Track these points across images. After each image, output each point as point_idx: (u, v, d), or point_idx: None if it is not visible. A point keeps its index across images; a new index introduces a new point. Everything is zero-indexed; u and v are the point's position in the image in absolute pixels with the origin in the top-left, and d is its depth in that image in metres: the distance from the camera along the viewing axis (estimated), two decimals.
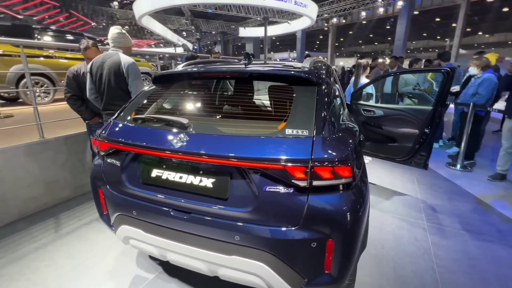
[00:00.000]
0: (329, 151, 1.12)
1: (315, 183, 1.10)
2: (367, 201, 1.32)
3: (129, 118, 1.50)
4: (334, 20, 20.31)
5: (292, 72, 1.41)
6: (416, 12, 18.99)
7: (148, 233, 1.40)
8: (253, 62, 1.81)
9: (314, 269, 1.20)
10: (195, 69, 1.58)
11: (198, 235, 1.26)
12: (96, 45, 2.59)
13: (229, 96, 1.63)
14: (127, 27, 18.75)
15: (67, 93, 2.57)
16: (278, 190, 1.13)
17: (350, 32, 30.30)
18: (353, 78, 3.91)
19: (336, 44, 37.97)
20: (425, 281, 1.85)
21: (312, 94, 1.35)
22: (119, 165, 1.43)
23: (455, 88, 4.46)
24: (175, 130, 1.29)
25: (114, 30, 2.42)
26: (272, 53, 34.10)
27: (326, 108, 1.32)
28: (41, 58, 5.04)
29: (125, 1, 15.42)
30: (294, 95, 1.36)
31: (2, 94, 5.30)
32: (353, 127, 1.70)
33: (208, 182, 1.23)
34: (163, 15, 19.38)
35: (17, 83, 4.67)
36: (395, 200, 2.99)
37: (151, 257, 2.03)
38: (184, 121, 1.28)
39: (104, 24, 17.73)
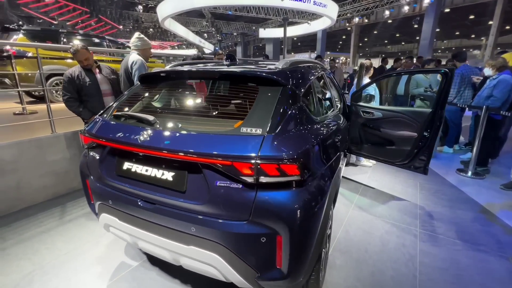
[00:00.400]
0: (277, 150, 1.15)
1: (262, 179, 1.14)
2: (322, 201, 1.33)
3: (110, 115, 1.62)
4: (356, 19, 19.76)
5: (258, 73, 1.46)
6: (447, 10, 17.95)
7: (122, 222, 1.51)
8: (237, 62, 1.88)
9: (266, 264, 1.24)
10: (170, 70, 1.68)
11: (162, 225, 1.35)
12: (85, 47, 2.68)
13: (197, 95, 1.71)
14: (151, 29, 19.67)
15: (64, 96, 2.69)
16: (228, 185, 1.18)
17: (375, 32, 29.27)
18: (355, 80, 3.84)
19: (360, 44, 36.89)
20: (402, 287, 1.80)
21: (275, 94, 1.39)
22: (98, 157, 1.56)
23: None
24: (143, 126, 1.39)
25: (134, 35, 2.95)
26: (293, 53, 33.88)
27: (288, 108, 1.35)
28: (68, 60, 5.47)
29: (150, 5, 16.13)
30: (258, 94, 1.40)
31: (32, 92, 5.82)
32: (326, 128, 1.70)
33: (168, 175, 1.31)
34: (185, 17, 20.03)
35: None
36: (391, 205, 2.90)
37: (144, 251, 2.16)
38: (151, 118, 1.38)
39: (130, 27, 18.74)
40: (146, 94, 1.76)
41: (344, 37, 33.24)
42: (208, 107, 1.55)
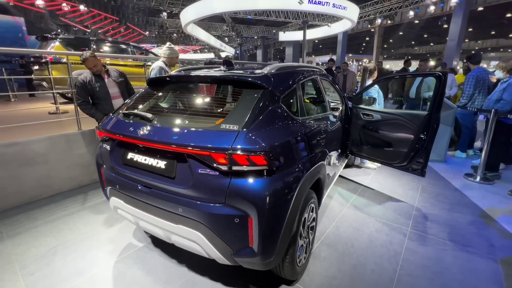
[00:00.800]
0: (248, 143, 1.34)
1: (235, 168, 1.34)
2: (291, 190, 1.49)
3: (120, 113, 1.91)
4: (379, 21, 19.30)
5: (242, 77, 1.66)
6: (480, 8, 16.97)
7: (126, 204, 1.78)
8: (234, 68, 2.10)
9: (239, 242, 1.43)
10: (169, 76, 1.93)
11: (156, 206, 1.59)
12: (94, 55, 2.92)
13: (190, 96, 1.93)
14: (175, 34, 20.64)
15: (77, 100, 2.98)
16: (207, 172, 1.39)
17: (400, 33, 28.25)
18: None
19: (385, 46, 35.71)
20: (380, 280, 1.89)
21: (255, 96, 1.58)
22: (109, 149, 1.84)
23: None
24: (143, 122, 1.64)
25: (165, 45, 3.35)
26: (313, 56, 33.64)
27: (265, 108, 1.54)
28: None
29: (174, 12, 16.96)
30: (241, 96, 1.61)
31: (65, 94, 6.46)
32: (307, 127, 1.86)
33: (162, 164, 1.55)
34: (207, 22, 20.75)
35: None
36: (387, 206, 2.95)
37: (145, 231, 2.44)
38: (149, 115, 1.63)
39: (156, 33, 19.84)
40: (151, 95, 2.02)
41: (367, 38, 32.42)
42: (198, 106, 1.78)
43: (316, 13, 16.51)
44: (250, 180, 1.36)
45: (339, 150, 2.95)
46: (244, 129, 1.39)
